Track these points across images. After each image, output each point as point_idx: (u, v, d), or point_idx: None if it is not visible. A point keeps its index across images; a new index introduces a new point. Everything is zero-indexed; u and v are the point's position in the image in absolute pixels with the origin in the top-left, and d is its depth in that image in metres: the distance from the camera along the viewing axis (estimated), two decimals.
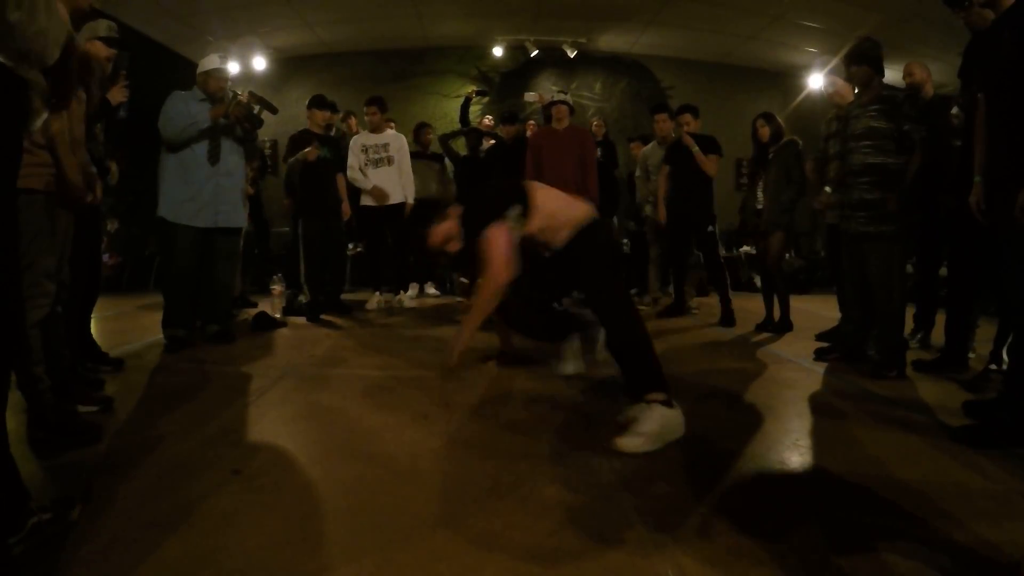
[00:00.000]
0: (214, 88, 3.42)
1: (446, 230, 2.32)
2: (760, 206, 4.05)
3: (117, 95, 2.85)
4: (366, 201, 4.82)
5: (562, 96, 4.54)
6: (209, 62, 3.46)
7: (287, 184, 5.26)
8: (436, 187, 5.67)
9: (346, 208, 4.66)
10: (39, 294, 1.89)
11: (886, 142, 2.78)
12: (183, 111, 3.32)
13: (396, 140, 4.94)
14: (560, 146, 4.32)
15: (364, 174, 4.80)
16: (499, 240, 2.12)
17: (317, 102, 4.51)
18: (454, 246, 2.32)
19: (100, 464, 1.73)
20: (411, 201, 4.94)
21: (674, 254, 4.80)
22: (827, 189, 3.25)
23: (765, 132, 4.03)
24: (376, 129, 4.87)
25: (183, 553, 1.25)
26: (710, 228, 4.55)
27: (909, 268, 3.18)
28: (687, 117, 4.63)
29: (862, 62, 2.86)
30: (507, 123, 5.16)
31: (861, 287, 2.93)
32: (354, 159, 4.80)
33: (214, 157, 3.41)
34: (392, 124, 5.38)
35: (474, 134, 5.66)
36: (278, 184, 5.86)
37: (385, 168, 4.83)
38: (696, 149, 4.44)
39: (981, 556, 1.25)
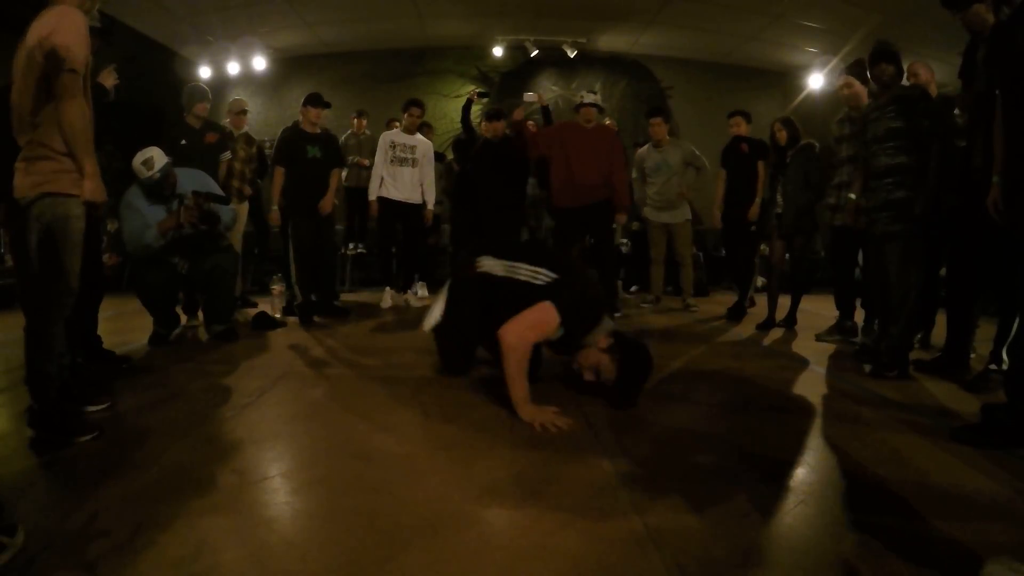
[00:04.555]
0: (166, 188, 3.31)
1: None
2: (780, 209, 4.09)
3: (108, 79, 2.85)
4: (384, 193, 4.80)
5: (592, 97, 4.55)
6: (151, 164, 3.24)
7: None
8: (435, 186, 5.66)
9: (327, 203, 4.45)
10: (65, 293, 1.91)
11: (907, 141, 2.80)
12: (138, 228, 3.24)
13: (424, 145, 4.94)
14: (588, 144, 4.38)
15: (388, 171, 4.78)
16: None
17: (314, 101, 4.41)
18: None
19: (99, 463, 1.73)
20: (431, 207, 4.98)
21: (734, 255, 5.03)
22: (851, 196, 3.26)
23: (783, 136, 4.08)
24: (411, 130, 4.87)
25: (182, 553, 1.25)
26: (753, 227, 4.70)
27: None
28: (738, 119, 4.83)
29: (889, 60, 2.89)
30: (492, 120, 5.02)
31: (886, 288, 2.94)
32: (381, 156, 4.78)
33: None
34: (431, 130, 5.34)
35: (468, 146, 5.65)
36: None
37: (408, 168, 4.82)
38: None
39: (981, 556, 1.24)
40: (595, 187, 4.37)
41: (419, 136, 4.96)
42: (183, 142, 4.09)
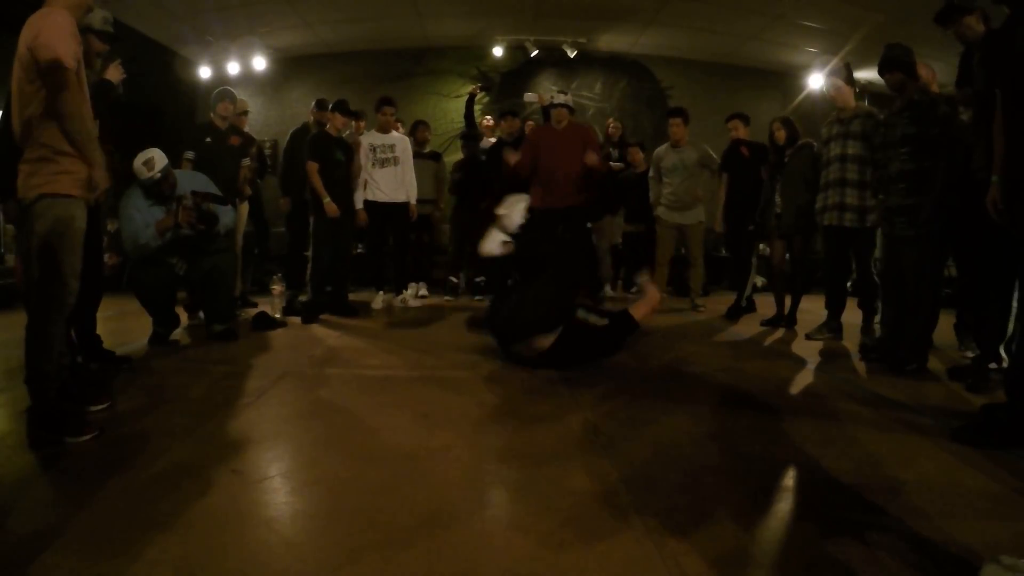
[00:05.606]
0: (166, 189, 3.31)
1: None
2: (779, 209, 4.09)
3: (115, 74, 2.86)
4: (370, 196, 4.83)
5: (562, 98, 4.56)
6: (152, 165, 3.23)
7: (283, 184, 5.25)
8: (432, 185, 5.66)
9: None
10: (64, 293, 1.91)
11: (920, 147, 2.85)
12: (137, 228, 3.23)
13: (402, 142, 4.96)
14: (560, 144, 4.38)
15: (370, 175, 4.81)
16: None
17: (342, 108, 4.51)
18: None
19: (99, 463, 1.73)
20: (414, 202, 4.99)
21: (738, 256, 5.07)
22: (881, 196, 3.30)
23: (781, 135, 4.09)
24: (385, 129, 4.89)
25: (183, 553, 1.25)
26: (751, 227, 4.69)
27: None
28: (736, 123, 4.84)
29: (895, 68, 2.94)
30: (506, 117, 5.18)
31: (899, 289, 2.96)
32: (363, 159, 4.79)
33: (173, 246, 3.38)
34: (399, 124, 5.42)
35: (473, 139, 5.67)
36: (278, 183, 5.85)
37: (391, 168, 4.85)
38: None
39: (981, 556, 1.24)
40: (569, 190, 4.34)
41: (395, 134, 4.99)
42: (208, 140, 4.14)
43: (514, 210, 3.25)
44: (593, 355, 2.95)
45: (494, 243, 3.11)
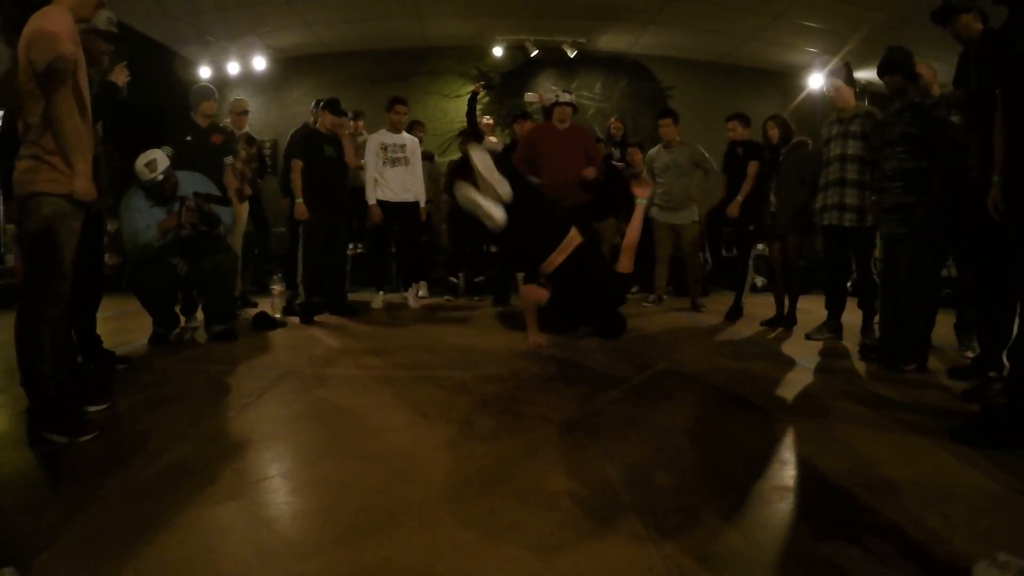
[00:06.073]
0: (167, 190, 3.33)
1: None
2: (774, 208, 4.08)
3: (120, 76, 2.87)
4: (380, 195, 4.81)
5: (567, 97, 4.54)
6: (154, 167, 3.27)
7: (283, 184, 5.25)
8: (428, 185, 5.67)
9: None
10: (52, 291, 1.91)
11: (918, 147, 2.86)
12: (138, 228, 3.25)
13: (412, 142, 4.96)
14: (562, 144, 4.36)
15: (380, 173, 4.80)
16: None
17: (331, 106, 4.50)
18: None
19: (99, 463, 1.73)
20: (424, 203, 4.98)
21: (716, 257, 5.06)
22: (875, 198, 3.30)
23: (775, 134, 4.06)
24: (397, 128, 4.89)
25: (182, 553, 1.25)
26: (751, 227, 4.65)
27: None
28: (734, 124, 4.84)
29: (894, 71, 2.96)
30: (519, 120, 5.28)
31: (897, 289, 2.97)
32: (372, 158, 4.77)
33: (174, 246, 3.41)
34: (422, 128, 5.45)
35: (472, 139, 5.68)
36: (278, 184, 5.85)
37: (401, 168, 4.85)
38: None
39: (979, 555, 1.24)
40: (570, 190, 4.31)
41: (406, 134, 4.99)
42: (188, 138, 4.10)
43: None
44: (606, 296, 3.04)
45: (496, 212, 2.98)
